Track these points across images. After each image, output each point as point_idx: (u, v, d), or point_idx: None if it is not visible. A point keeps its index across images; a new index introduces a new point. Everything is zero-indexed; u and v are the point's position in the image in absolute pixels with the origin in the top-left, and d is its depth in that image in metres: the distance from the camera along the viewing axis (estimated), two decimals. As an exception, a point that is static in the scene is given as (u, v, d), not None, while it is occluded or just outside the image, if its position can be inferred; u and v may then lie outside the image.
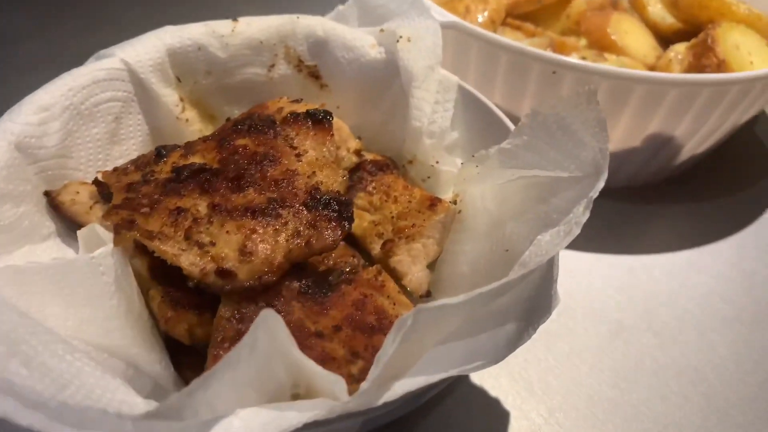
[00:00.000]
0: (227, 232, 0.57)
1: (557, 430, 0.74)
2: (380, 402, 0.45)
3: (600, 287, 0.92)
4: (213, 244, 0.56)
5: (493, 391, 0.77)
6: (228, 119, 0.85)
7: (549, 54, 0.86)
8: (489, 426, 0.74)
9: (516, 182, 0.63)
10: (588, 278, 0.93)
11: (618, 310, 0.89)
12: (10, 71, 1.27)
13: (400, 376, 0.48)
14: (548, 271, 0.56)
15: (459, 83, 0.78)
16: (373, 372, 0.44)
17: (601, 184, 0.52)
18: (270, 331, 0.43)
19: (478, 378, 0.78)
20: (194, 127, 0.83)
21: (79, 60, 0.77)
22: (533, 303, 0.54)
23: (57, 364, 0.41)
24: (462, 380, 0.77)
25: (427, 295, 0.69)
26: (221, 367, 0.41)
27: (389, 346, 0.44)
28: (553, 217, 0.58)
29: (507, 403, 0.76)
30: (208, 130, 0.85)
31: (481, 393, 0.77)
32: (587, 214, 0.52)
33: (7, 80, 1.24)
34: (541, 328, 0.52)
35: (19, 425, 0.37)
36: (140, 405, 0.42)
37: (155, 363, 0.59)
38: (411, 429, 0.71)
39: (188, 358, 0.64)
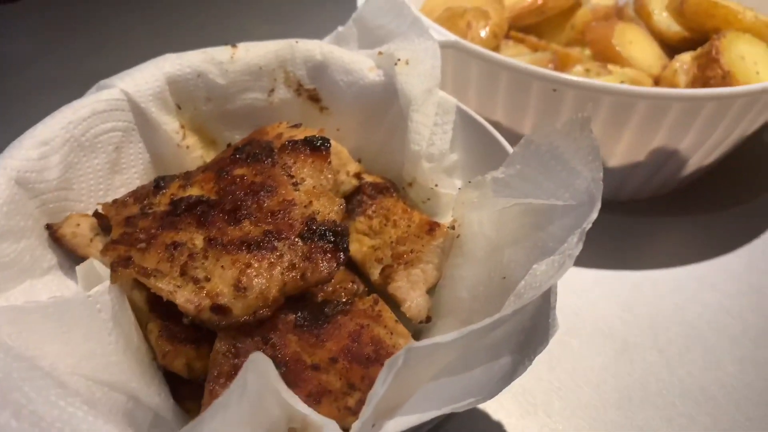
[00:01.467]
0: (222, 266, 0.57)
1: (561, 453, 0.74)
2: (372, 442, 0.45)
3: (604, 304, 0.91)
4: (208, 279, 0.56)
5: (496, 415, 0.77)
6: (229, 144, 0.85)
7: (549, 72, 0.86)
8: (492, 450, 0.74)
9: (513, 208, 0.62)
10: (592, 295, 0.92)
11: (623, 328, 0.88)
12: (16, 95, 1.29)
13: (393, 413, 0.48)
14: (545, 301, 0.56)
15: (458, 105, 0.78)
16: (365, 412, 0.44)
17: (594, 215, 0.52)
18: (260, 373, 0.43)
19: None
20: (195, 153, 0.83)
21: (83, 83, 0.77)
22: (529, 334, 0.54)
23: (49, 410, 0.42)
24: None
25: (427, 321, 0.69)
26: (211, 411, 0.41)
27: (380, 386, 0.44)
28: (549, 245, 0.57)
29: (510, 426, 0.76)
30: (209, 156, 0.85)
31: (483, 416, 0.76)
32: (580, 246, 0.51)
33: (12, 104, 1.25)
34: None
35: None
36: (133, 450, 0.42)
37: (155, 395, 0.59)
38: (413, 454, 0.71)
39: (187, 388, 0.64)
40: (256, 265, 0.58)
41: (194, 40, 0.84)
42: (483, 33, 1.09)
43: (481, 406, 0.77)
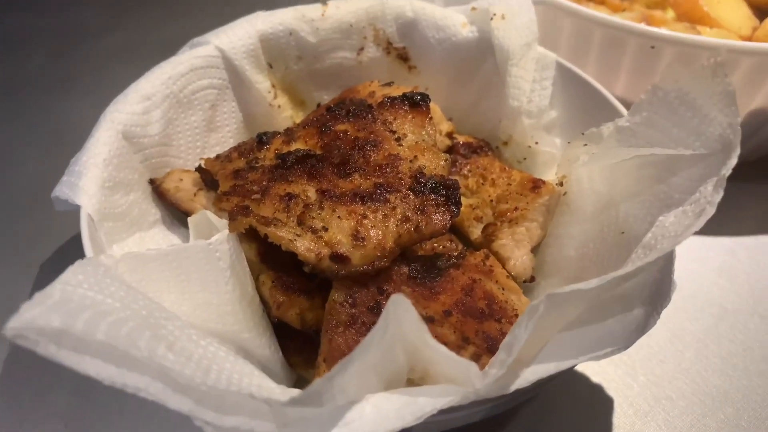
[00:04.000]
0: (338, 217, 0.57)
1: (665, 417, 0.72)
2: (512, 389, 0.44)
3: (699, 270, 0.88)
4: (325, 229, 0.56)
5: (596, 377, 0.75)
6: (318, 105, 0.85)
7: (648, 28, 0.83)
8: (593, 412, 0.72)
9: (629, 162, 0.60)
10: (684, 260, 0.89)
11: (720, 294, 0.85)
12: (92, 64, 1.30)
13: (529, 362, 0.46)
14: (670, 254, 0.54)
15: (557, 60, 0.76)
16: (506, 359, 0.43)
17: (733, 162, 0.50)
18: (399, 315, 0.42)
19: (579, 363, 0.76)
20: (286, 113, 0.83)
21: (156, 51, 0.77)
22: (657, 287, 0.52)
23: (195, 348, 0.42)
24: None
25: (531, 280, 0.67)
26: (358, 352, 0.40)
27: (522, 332, 0.43)
28: (674, 197, 0.55)
29: (611, 389, 0.74)
30: (298, 117, 0.85)
31: (583, 378, 0.75)
32: (720, 193, 0.49)
33: (88, 73, 1.26)
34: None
35: (168, 408, 0.38)
36: (275, 389, 0.42)
37: (265, 347, 0.59)
38: (514, 414, 0.70)
39: (292, 343, 0.64)
40: (371, 217, 0.57)
41: (262, 8, 0.82)
42: (566, -7, 1.06)
43: (580, 369, 0.76)
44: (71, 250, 0.89)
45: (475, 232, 0.70)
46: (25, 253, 0.89)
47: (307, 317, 0.59)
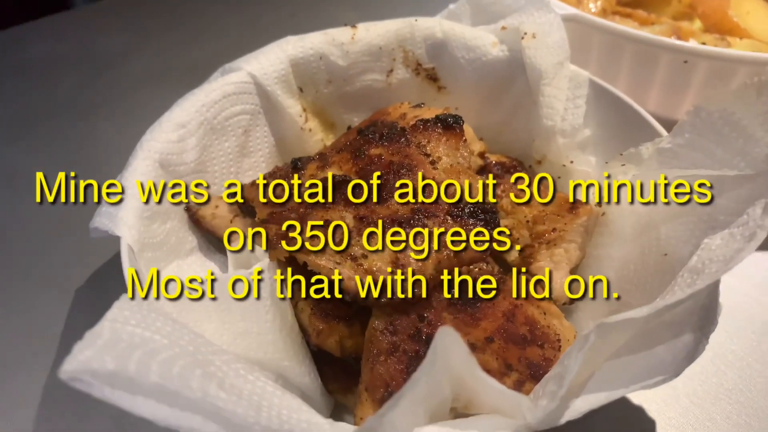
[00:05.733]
0: (377, 244, 0.56)
1: (710, 440, 0.70)
2: (563, 421, 0.43)
3: (739, 287, 0.86)
4: (365, 256, 0.56)
5: (636, 399, 0.73)
6: (348, 127, 0.85)
7: (680, 42, 0.82)
8: (635, 436, 0.71)
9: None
10: (724, 277, 0.87)
11: (762, 311, 0.83)
12: (115, 89, 1.31)
13: (578, 392, 0.46)
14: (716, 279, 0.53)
15: (590, 78, 0.75)
16: (557, 391, 0.43)
17: (783, 183, 0.49)
18: (448, 348, 0.42)
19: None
20: (317, 136, 0.83)
21: (180, 75, 0.77)
22: (706, 312, 0.51)
23: (244, 384, 0.42)
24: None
25: (570, 303, 0.66)
26: (408, 387, 0.40)
27: (573, 363, 0.43)
28: (719, 219, 0.54)
29: (652, 411, 0.72)
30: (328, 139, 0.85)
31: (622, 401, 0.73)
32: (772, 216, 0.48)
33: (112, 99, 1.28)
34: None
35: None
36: (324, 425, 0.42)
37: (305, 375, 0.59)
38: (555, 439, 0.69)
39: (330, 369, 0.64)
40: (410, 243, 0.57)
41: (286, 29, 0.83)
42: (593, 7, 1.05)
43: (620, 390, 0.74)
44: (106, 276, 0.89)
45: (513, 253, 0.69)
46: (59, 279, 0.89)
47: (346, 344, 0.59)
